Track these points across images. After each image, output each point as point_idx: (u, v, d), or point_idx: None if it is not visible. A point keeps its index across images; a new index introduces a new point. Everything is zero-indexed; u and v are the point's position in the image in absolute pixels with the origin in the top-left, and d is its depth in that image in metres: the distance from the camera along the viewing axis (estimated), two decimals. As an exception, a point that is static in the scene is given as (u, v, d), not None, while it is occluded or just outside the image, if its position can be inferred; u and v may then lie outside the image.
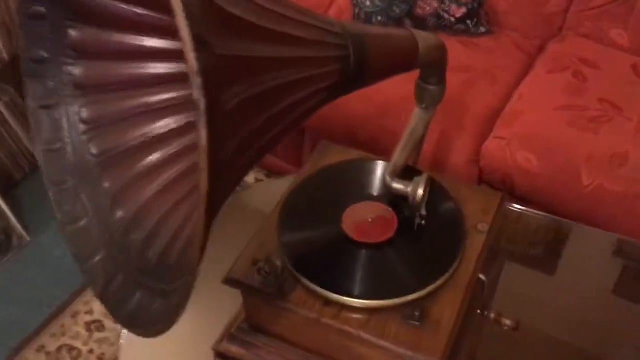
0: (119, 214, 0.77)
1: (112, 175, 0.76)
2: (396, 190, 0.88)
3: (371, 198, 0.93)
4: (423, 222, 0.87)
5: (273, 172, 1.91)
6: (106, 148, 0.76)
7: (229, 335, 0.94)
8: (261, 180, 1.94)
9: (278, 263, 0.85)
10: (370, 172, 0.97)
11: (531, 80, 1.59)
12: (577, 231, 1.20)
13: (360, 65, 0.75)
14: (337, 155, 1.02)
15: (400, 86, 1.13)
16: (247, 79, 0.54)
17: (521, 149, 1.41)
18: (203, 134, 0.43)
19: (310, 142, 1.72)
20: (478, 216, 0.92)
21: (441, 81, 0.92)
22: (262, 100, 0.58)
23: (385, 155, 0.96)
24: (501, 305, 0.99)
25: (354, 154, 1.03)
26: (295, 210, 0.92)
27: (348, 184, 0.96)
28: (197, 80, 0.42)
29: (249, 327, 0.93)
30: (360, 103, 1.52)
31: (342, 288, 0.81)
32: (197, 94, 0.43)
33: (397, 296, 0.80)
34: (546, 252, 1.22)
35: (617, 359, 1.03)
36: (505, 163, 1.41)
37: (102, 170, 0.75)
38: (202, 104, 0.43)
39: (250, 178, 1.92)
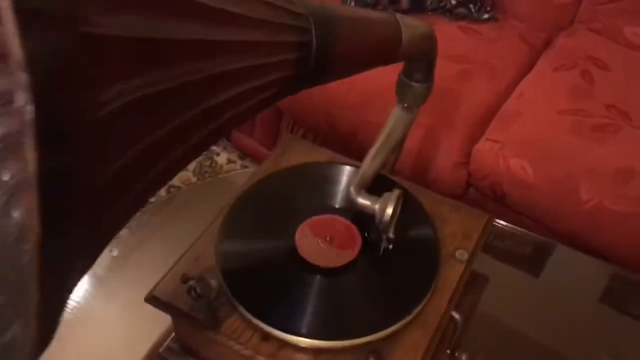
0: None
1: None
2: (361, 205, 0.74)
3: (334, 211, 0.79)
4: (390, 246, 0.73)
5: (246, 154, 1.76)
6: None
7: (157, 355, 0.80)
8: (234, 162, 1.79)
9: (213, 283, 0.71)
10: (336, 179, 0.82)
11: (534, 78, 1.44)
12: (566, 256, 1.07)
13: (324, 56, 0.60)
14: (302, 153, 0.88)
15: (388, 73, 0.98)
16: (144, 71, 0.39)
17: (516, 154, 1.26)
18: (31, 157, 0.29)
19: (288, 125, 1.57)
20: (458, 241, 0.78)
21: (428, 78, 0.77)
22: (170, 101, 0.43)
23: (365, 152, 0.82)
24: (476, 340, 0.86)
25: (322, 154, 0.88)
26: (241, 219, 0.78)
27: (309, 191, 0.81)
28: (21, 77, 0.27)
29: (179, 347, 0.80)
30: (342, 89, 1.36)
31: (286, 322, 0.67)
32: (22, 98, 0.28)
33: (350, 337, 0.67)
34: (529, 276, 1.09)
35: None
36: (496, 169, 1.27)
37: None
38: (28, 112, 0.28)
39: (222, 158, 1.77)
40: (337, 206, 0.79)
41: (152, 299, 0.72)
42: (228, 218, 0.77)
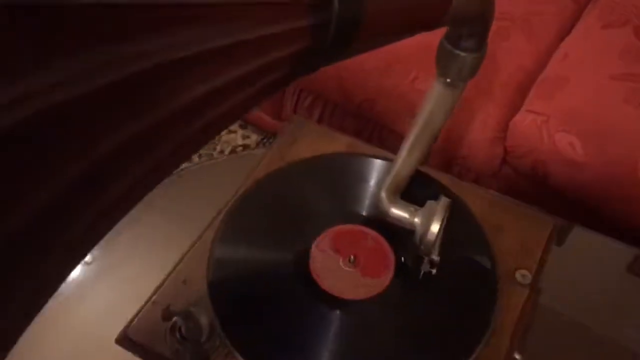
0: None
1: None
2: (396, 218, 0.56)
3: (359, 219, 0.61)
4: (434, 270, 0.56)
5: (247, 122, 1.58)
6: None
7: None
8: (234, 132, 1.61)
9: (203, 321, 0.54)
10: (362, 175, 0.65)
11: (579, 36, 1.24)
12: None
13: (348, 19, 0.42)
14: (315, 140, 0.70)
15: None
16: (88, 48, 0.22)
17: (562, 128, 1.08)
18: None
19: (295, 92, 1.38)
20: (517, 257, 0.61)
21: (480, 46, 0.59)
22: (146, 88, 0.25)
23: (383, 131, 0.63)
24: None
25: (339, 141, 0.70)
26: (240, 231, 0.61)
27: (326, 193, 0.64)
28: None
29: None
30: (357, 52, 1.16)
31: None
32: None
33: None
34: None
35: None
36: (539, 145, 1.09)
37: None
38: None
39: (237, 137, 1.58)
40: (363, 213, 0.62)
41: (125, 341, 0.55)
42: (223, 230, 0.60)
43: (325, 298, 0.55)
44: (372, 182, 0.63)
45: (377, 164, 0.65)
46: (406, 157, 0.58)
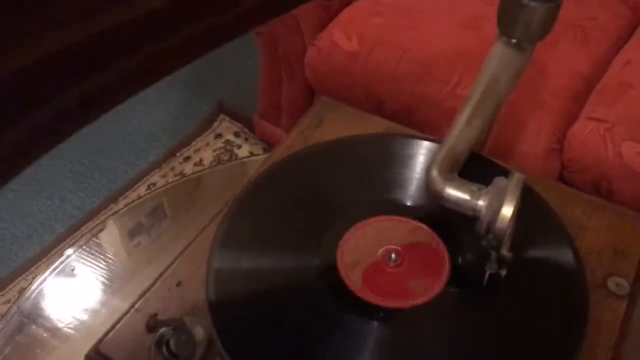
0: None
1: None
2: (452, 200, 0.43)
3: (401, 211, 0.48)
4: (504, 272, 0.42)
5: (272, 145, 1.47)
6: None
7: None
8: (257, 155, 1.50)
9: (198, 334, 0.41)
10: (402, 159, 0.52)
11: (641, 42, 1.11)
12: None
13: None
14: (345, 123, 0.58)
15: (454, 34, 0.68)
16: None
17: (629, 137, 0.94)
18: None
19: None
20: (606, 262, 0.47)
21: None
22: None
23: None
24: None
25: (374, 123, 0.58)
26: (251, 223, 0.48)
27: (359, 179, 0.51)
28: None
29: None
30: (390, 58, 1.06)
31: None
32: None
33: None
34: None
35: None
36: (602, 157, 0.94)
37: None
38: None
39: (243, 151, 1.47)
40: (408, 203, 0.48)
41: (96, 358, 0.42)
42: (230, 222, 0.47)
43: (358, 307, 0.42)
44: (416, 165, 0.50)
45: (423, 145, 0.52)
46: (464, 128, 0.45)
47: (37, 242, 1.22)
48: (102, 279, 1.16)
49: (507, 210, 0.39)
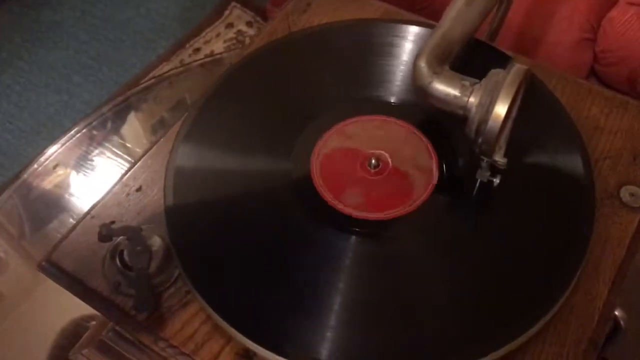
0: None
1: None
2: (441, 98, 0.37)
3: (385, 108, 0.42)
4: (497, 180, 0.37)
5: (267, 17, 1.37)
6: None
7: (98, 342, 0.49)
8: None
9: (155, 245, 0.38)
10: (389, 49, 0.45)
11: None
12: None
13: None
14: (336, 7, 0.51)
15: None
16: None
17: (674, 26, 0.84)
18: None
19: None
20: (621, 168, 0.41)
21: None
22: None
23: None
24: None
25: (371, 8, 0.51)
26: (213, 127, 0.43)
27: (337, 72, 0.45)
28: None
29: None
30: None
31: (290, 332, 0.34)
32: None
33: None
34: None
35: None
36: (640, 49, 0.85)
37: None
38: None
39: (241, 24, 1.37)
40: (391, 101, 0.42)
41: (48, 267, 0.39)
42: (191, 123, 0.42)
43: (334, 218, 0.37)
44: (405, 57, 0.44)
45: (415, 32, 0.45)
46: (462, 9, 0.38)
47: (47, 138, 1.20)
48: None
49: (501, 109, 0.33)
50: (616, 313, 0.38)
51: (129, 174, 0.42)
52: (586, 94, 0.44)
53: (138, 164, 0.43)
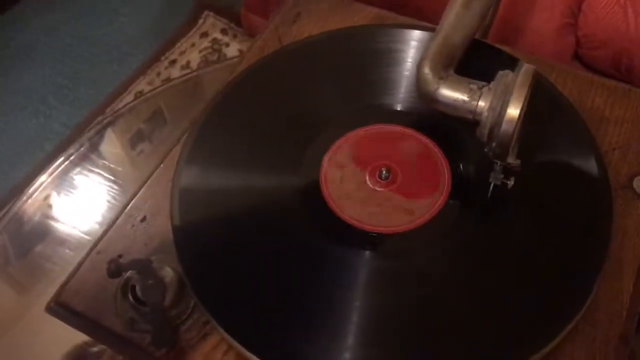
0: None
1: None
2: (449, 104, 0.36)
3: (391, 117, 0.41)
4: (511, 182, 0.36)
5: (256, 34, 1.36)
6: None
7: None
8: (226, 45, 1.40)
9: (167, 276, 0.36)
10: (390, 55, 0.44)
11: None
12: None
13: None
14: (326, 15, 0.50)
15: None
16: None
17: (653, 5, 0.84)
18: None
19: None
20: (632, 158, 0.41)
21: None
22: None
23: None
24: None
25: (362, 14, 0.50)
26: (215, 149, 0.42)
27: (338, 83, 0.44)
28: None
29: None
30: None
31: (307, 348, 0.33)
32: None
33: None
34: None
35: None
36: (622, 30, 0.86)
37: None
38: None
39: (232, 50, 1.37)
40: (399, 108, 0.42)
41: (58, 309, 0.38)
42: (192, 145, 0.41)
43: (346, 233, 0.36)
44: (410, 64, 0.43)
45: (417, 36, 0.44)
46: (461, 12, 0.37)
47: (29, 162, 1.17)
48: (109, 192, 1.11)
49: (514, 111, 0.32)
50: (640, 306, 0.38)
51: (130, 204, 0.41)
52: (588, 85, 0.44)
53: (139, 193, 0.41)
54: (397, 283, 0.35)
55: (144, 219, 0.40)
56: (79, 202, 1.09)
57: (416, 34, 0.44)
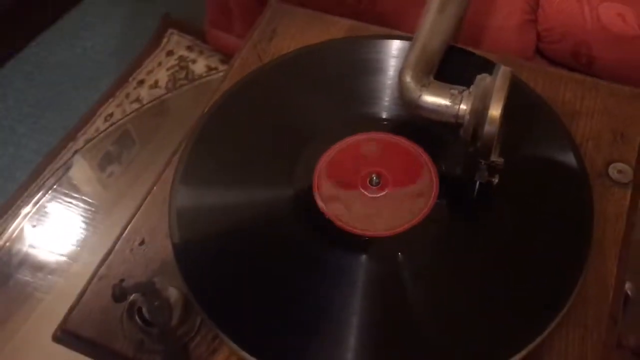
0: None
1: None
2: (432, 109, 0.38)
3: (377, 125, 0.43)
4: (495, 179, 0.38)
5: (228, 55, 1.37)
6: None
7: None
8: (214, 69, 1.41)
9: (172, 296, 0.37)
10: (370, 64, 0.46)
11: None
12: None
13: None
14: (302, 29, 0.51)
15: None
16: None
17: (608, -1, 0.87)
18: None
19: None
20: (604, 147, 0.43)
21: None
22: None
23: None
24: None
25: (336, 25, 0.51)
26: (209, 167, 0.43)
27: (322, 95, 0.45)
28: None
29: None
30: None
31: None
32: None
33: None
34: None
35: None
36: (580, 23, 0.89)
37: None
38: None
39: (199, 66, 1.38)
40: (383, 116, 0.43)
41: (65, 337, 0.38)
42: (186, 164, 0.42)
43: (343, 240, 0.38)
44: (391, 73, 0.44)
45: (397, 46, 0.46)
46: (437, 18, 0.39)
47: (1, 193, 1.16)
48: (81, 217, 1.10)
49: (495, 112, 0.34)
50: (627, 288, 0.40)
51: (128, 228, 0.42)
52: (558, 81, 0.46)
53: (135, 217, 0.42)
54: (392, 285, 0.37)
55: (142, 242, 0.41)
56: (54, 227, 1.08)
57: (391, 43, 0.46)
